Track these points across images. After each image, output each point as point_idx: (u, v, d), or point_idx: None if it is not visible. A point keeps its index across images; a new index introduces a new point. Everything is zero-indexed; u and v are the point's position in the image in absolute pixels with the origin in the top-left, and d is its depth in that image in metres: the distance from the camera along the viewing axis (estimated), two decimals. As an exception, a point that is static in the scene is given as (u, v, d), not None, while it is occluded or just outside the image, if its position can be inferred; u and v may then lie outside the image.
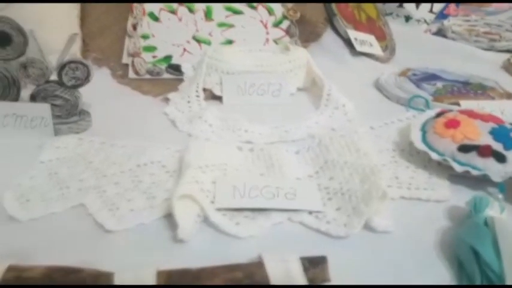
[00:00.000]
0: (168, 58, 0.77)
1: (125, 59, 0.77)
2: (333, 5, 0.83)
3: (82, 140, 0.54)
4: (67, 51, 0.54)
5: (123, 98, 0.69)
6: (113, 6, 0.81)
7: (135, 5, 0.80)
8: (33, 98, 0.56)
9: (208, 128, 0.58)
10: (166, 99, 0.67)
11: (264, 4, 0.82)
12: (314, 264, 0.33)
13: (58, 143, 0.53)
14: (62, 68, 0.54)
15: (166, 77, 0.76)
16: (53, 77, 0.56)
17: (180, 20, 0.80)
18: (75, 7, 0.77)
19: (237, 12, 0.81)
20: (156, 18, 0.80)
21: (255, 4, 0.82)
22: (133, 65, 0.75)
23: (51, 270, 0.32)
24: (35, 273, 0.32)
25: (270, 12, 0.82)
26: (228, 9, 0.82)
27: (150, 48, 0.78)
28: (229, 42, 0.79)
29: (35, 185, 0.46)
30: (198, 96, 0.65)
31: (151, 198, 0.44)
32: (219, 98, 0.68)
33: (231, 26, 0.80)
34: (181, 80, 0.74)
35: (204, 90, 0.67)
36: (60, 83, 0.55)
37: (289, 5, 0.82)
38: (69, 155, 0.51)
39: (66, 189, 0.45)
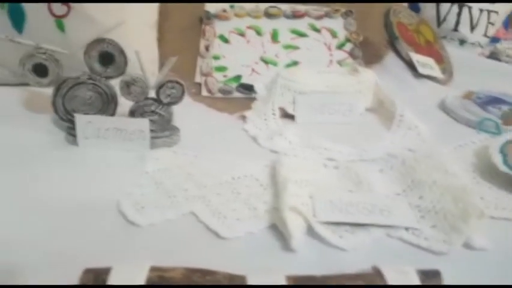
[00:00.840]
0: (237, 78, 0.82)
1: (198, 78, 0.82)
2: (395, 28, 0.87)
3: (176, 153, 0.58)
4: (165, 71, 0.58)
5: (201, 114, 0.74)
6: (186, 29, 0.87)
7: (207, 28, 0.85)
8: (132, 113, 0.60)
9: (288, 145, 0.62)
10: (242, 117, 0.72)
11: (327, 27, 0.86)
12: (429, 277, 0.35)
13: (157, 155, 0.57)
14: (160, 86, 0.59)
15: (236, 95, 0.80)
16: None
17: (248, 42, 0.85)
18: (154, 29, 0.82)
19: (301, 35, 0.86)
20: (226, 40, 0.85)
21: (318, 27, 0.86)
22: (206, 84, 0.80)
23: (189, 271, 0.35)
24: (176, 273, 0.35)
25: (333, 35, 0.86)
26: (293, 32, 0.86)
27: (221, 68, 0.82)
28: (295, 63, 0.83)
29: (145, 193, 0.50)
30: (274, 114, 0.69)
31: (252, 209, 0.47)
32: (291, 117, 0.72)
33: (296, 48, 0.85)
34: (251, 99, 0.78)
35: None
36: (157, 100, 0.60)
37: (352, 28, 0.86)
38: (168, 167, 0.55)
39: (174, 198, 0.49)
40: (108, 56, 0.59)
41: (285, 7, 0.87)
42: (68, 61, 0.64)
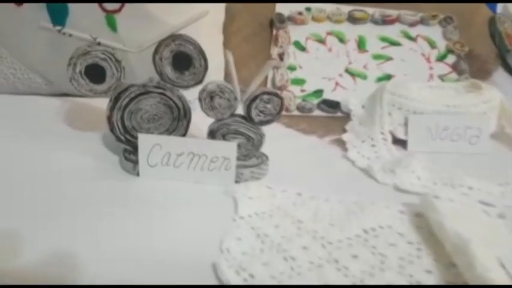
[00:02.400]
0: (318, 93, 0.67)
1: (270, 92, 0.68)
2: (506, 40, 0.72)
3: (272, 190, 0.43)
4: (261, 79, 0.44)
5: (282, 136, 0.58)
6: (252, 33, 0.73)
7: (281, 33, 0.71)
8: (212, 134, 0.46)
9: (417, 182, 0.46)
10: (336, 141, 0.57)
11: (423, 36, 0.72)
12: None
13: (249, 192, 0.42)
14: (253, 99, 0.44)
15: (317, 114, 0.66)
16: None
17: (329, 50, 0.71)
18: (220, 32, 0.69)
19: (394, 43, 0.71)
20: (302, 48, 0.71)
21: (413, 35, 0.72)
22: (281, 99, 0.66)
23: None
24: None
25: (432, 44, 0.72)
26: (384, 39, 0.72)
27: (299, 81, 0.68)
28: (388, 77, 0.69)
29: (247, 251, 0.34)
30: (384, 139, 0.53)
31: (415, 283, 0.32)
32: (400, 142, 0.57)
33: (388, 58, 0.70)
34: (335, 118, 0.64)
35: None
36: (247, 117, 0.45)
37: (455, 37, 0.72)
38: (267, 209, 0.40)
39: (292, 261, 0.33)
40: (184, 59, 0.45)
41: (373, 11, 0.73)
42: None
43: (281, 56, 0.70)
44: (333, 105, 0.65)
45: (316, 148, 0.55)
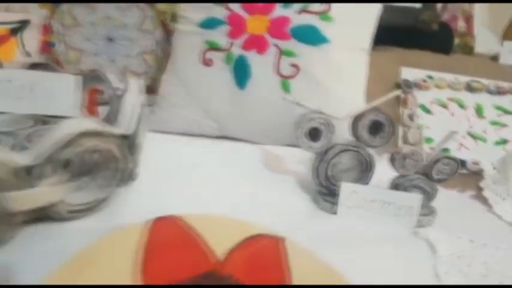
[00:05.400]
0: (445, 151, 0.78)
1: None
2: None
3: (450, 236, 0.54)
4: (443, 145, 0.56)
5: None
6: (380, 95, 0.86)
7: (409, 96, 0.84)
8: (396, 186, 0.57)
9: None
10: (475, 197, 0.67)
11: (532, 107, 0.83)
12: None
13: (435, 236, 0.53)
14: (435, 161, 0.56)
15: (444, 169, 0.77)
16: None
17: (452, 115, 0.83)
18: (362, 97, 0.82)
19: (507, 112, 0.83)
20: (428, 111, 0.83)
21: (522, 107, 0.84)
22: (415, 155, 0.77)
23: None
24: None
25: (540, 115, 0.83)
26: (498, 108, 0.83)
27: (428, 140, 0.80)
28: (504, 141, 0.79)
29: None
30: (521, 199, 0.64)
31: None
32: (530, 202, 0.67)
33: (503, 125, 0.81)
34: (463, 175, 0.74)
35: None
36: (428, 175, 0.57)
37: (562, 110, 0.82)
38: (455, 252, 0.51)
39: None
40: (377, 125, 0.58)
41: (487, 82, 0.85)
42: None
43: (411, 117, 0.81)
44: (461, 163, 0.76)
45: (461, 202, 0.66)
